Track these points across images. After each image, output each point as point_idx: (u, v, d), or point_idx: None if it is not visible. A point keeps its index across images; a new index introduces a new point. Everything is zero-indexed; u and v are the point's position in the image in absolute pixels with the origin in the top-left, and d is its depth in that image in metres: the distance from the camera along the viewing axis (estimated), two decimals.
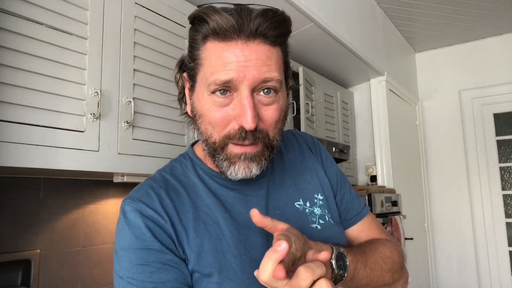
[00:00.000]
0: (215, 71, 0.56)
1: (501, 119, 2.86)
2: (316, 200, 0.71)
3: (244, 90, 0.56)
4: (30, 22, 0.89)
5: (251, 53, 0.56)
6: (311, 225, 0.68)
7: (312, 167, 0.77)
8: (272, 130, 0.60)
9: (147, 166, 1.13)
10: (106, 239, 1.38)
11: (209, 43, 0.58)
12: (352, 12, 2.07)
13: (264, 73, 0.56)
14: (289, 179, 0.72)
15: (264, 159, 0.61)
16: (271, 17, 0.56)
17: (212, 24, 0.56)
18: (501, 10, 2.49)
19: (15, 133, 0.83)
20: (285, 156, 0.76)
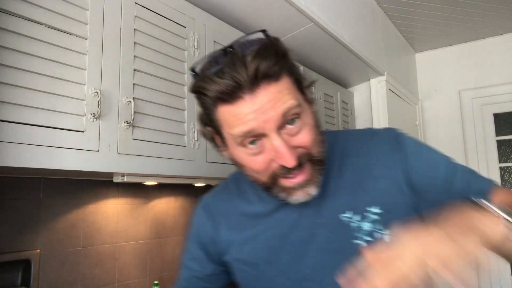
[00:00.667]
0: (235, 125, 0.58)
1: (501, 119, 2.86)
2: (369, 214, 0.64)
3: (271, 134, 0.57)
4: (30, 22, 0.89)
5: (261, 99, 0.56)
6: (353, 240, 0.64)
7: (379, 174, 0.67)
8: (313, 148, 0.61)
9: (147, 166, 1.13)
10: (106, 239, 1.38)
11: (220, 107, 0.59)
12: (352, 12, 2.07)
13: (281, 109, 0.57)
14: (344, 186, 0.67)
15: (318, 175, 0.63)
16: (264, 56, 0.56)
17: (212, 94, 0.57)
18: (501, 10, 2.49)
19: (15, 133, 0.83)
20: (347, 160, 0.70)
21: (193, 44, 1.35)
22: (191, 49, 1.33)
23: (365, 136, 0.73)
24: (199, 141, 1.32)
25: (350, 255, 0.56)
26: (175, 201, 1.68)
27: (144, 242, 1.52)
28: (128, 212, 1.47)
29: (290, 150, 0.57)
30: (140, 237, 1.51)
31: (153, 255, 1.55)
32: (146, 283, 1.50)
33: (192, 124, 1.31)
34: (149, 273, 1.53)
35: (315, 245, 0.66)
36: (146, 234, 1.53)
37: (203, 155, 1.33)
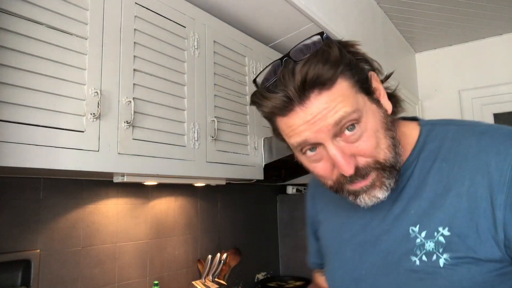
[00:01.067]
0: (291, 136, 0.59)
1: (501, 119, 2.86)
2: (436, 234, 0.57)
3: (327, 143, 0.56)
4: (30, 22, 0.89)
5: (312, 109, 0.55)
6: (410, 256, 0.59)
7: (467, 190, 0.56)
8: (378, 155, 0.58)
9: (147, 166, 1.13)
10: (106, 239, 1.38)
11: (277, 119, 0.61)
12: (352, 12, 2.07)
13: (332, 119, 0.55)
14: (424, 196, 0.61)
15: (386, 179, 0.59)
16: (313, 64, 0.55)
17: (267, 110, 0.59)
18: (501, 10, 2.49)
19: (15, 133, 0.83)
20: (437, 163, 0.61)
21: (193, 44, 1.35)
22: (191, 49, 1.33)
23: (473, 135, 0.60)
24: (199, 141, 1.32)
25: (404, 270, 0.58)
26: (175, 201, 1.68)
27: (144, 242, 1.52)
28: (128, 212, 1.47)
29: (346, 158, 0.56)
30: (140, 237, 1.51)
31: (153, 255, 1.55)
32: (146, 283, 1.50)
33: (192, 124, 1.31)
34: (149, 273, 1.53)
35: (376, 249, 0.65)
36: (146, 234, 1.53)
37: (203, 155, 1.33)
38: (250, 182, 1.82)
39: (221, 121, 1.43)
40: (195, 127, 1.31)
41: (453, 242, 0.56)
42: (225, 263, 1.69)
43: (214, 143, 1.38)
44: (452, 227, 0.56)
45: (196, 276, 1.72)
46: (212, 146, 1.37)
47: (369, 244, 0.66)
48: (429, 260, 0.57)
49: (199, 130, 1.33)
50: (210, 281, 1.64)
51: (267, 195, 2.31)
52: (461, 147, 0.59)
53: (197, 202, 1.79)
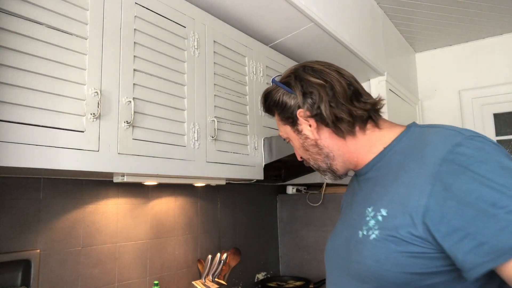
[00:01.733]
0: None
1: (501, 119, 2.86)
2: (378, 214, 0.69)
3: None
4: (30, 22, 0.89)
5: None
6: (359, 231, 0.73)
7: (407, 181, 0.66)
8: (305, 159, 0.90)
9: (147, 166, 1.13)
10: (106, 239, 1.38)
11: None
12: (352, 12, 2.07)
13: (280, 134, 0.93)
14: (384, 184, 0.73)
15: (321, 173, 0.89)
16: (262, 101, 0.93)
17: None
18: (501, 10, 2.49)
19: (15, 133, 0.83)
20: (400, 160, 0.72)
21: (193, 44, 1.35)
22: (191, 49, 1.33)
23: (428, 135, 0.70)
24: (199, 141, 1.32)
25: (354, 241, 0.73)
26: (175, 201, 1.68)
27: (144, 242, 1.52)
28: (128, 212, 1.47)
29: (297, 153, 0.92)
30: (140, 237, 1.51)
31: (153, 255, 1.55)
32: (146, 283, 1.50)
33: (192, 124, 1.31)
34: (149, 273, 1.53)
35: (346, 226, 0.82)
36: (146, 234, 1.53)
37: (203, 155, 1.33)
38: (250, 182, 1.82)
39: (221, 121, 1.43)
40: (195, 127, 1.31)
41: (386, 221, 0.67)
42: (225, 263, 1.69)
43: (214, 143, 1.38)
44: (389, 209, 0.67)
45: (196, 276, 1.72)
46: (212, 146, 1.37)
47: (345, 223, 0.83)
48: (367, 234, 0.69)
49: (199, 130, 1.33)
50: (210, 281, 1.64)
51: (267, 195, 2.31)
52: (416, 145, 0.70)
53: (197, 202, 1.79)
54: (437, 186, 0.60)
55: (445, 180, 0.60)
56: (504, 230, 0.54)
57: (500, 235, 0.54)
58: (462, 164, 0.59)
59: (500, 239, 0.54)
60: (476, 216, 0.56)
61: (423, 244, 0.62)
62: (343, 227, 0.83)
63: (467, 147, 0.61)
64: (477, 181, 0.57)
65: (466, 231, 0.57)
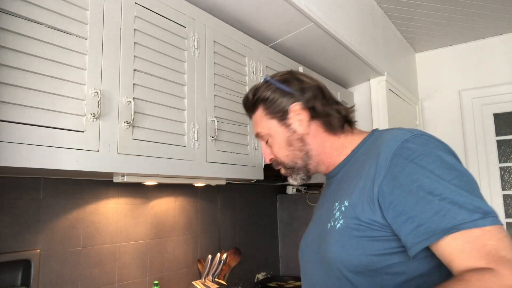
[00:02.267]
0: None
1: (501, 119, 2.86)
2: (342, 205, 0.78)
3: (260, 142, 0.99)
4: (30, 22, 0.89)
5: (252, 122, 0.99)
6: (327, 223, 0.81)
7: (365, 173, 0.76)
8: (281, 158, 0.93)
9: (147, 166, 1.13)
10: (106, 239, 1.38)
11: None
12: (352, 12, 2.07)
13: (255, 131, 0.97)
14: (347, 181, 0.83)
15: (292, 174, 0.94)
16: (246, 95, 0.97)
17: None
18: (501, 10, 2.49)
19: (15, 133, 0.83)
20: (362, 158, 0.83)
21: (193, 44, 1.35)
22: (191, 49, 1.34)
23: (385, 136, 0.80)
24: (199, 141, 1.32)
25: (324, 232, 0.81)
26: (175, 201, 1.68)
27: (144, 242, 1.52)
28: (128, 212, 1.47)
29: (266, 154, 0.96)
30: (140, 237, 1.51)
31: (153, 255, 1.55)
32: (146, 283, 1.50)
33: (192, 124, 1.31)
34: (149, 273, 1.53)
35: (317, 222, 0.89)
36: (146, 234, 1.53)
37: (203, 155, 1.33)
38: (250, 182, 1.82)
39: (221, 121, 1.43)
40: (195, 127, 1.31)
41: (348, 211, 0.75)
42: (225, 263, 1.69)
43: (214, 143, 1.38)
44: (350, 199, 0.76)
45: (196, 276, 1.72)
46: (212, 146, 1.37)
47: (315, 221, 0.91)
48: (334, 224, 0.78)
49: (199, 130, 1.33)
50: (210, 281, 1.64)
51: (267, 195, 2.30)
52: (374, 144, 0.80)
53: (197, 202, 1.79)
54: (388, 176, 0.70)
55: (394, 171, 0.70)
56: (437, 214, 0.64)
57: (434, 218, 0.64)
58: (408, 158, 0.70)
59: (433, 221, 0.64)
60: (416, 202, 0.66)
61: (380, 228, 0.71)
62: (314, 224, 0.91)
63: (413, 142, 0.72)
64: (418, 172, 0.68)
65: (408, 215, 0.67)
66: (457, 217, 0.62)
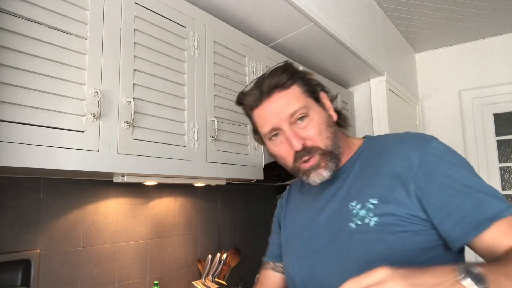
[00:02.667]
0: (263, 126, 0.84)
1: (501, 119, 2.86)
2: (367, 203, 0.77)
3: (284, 128, 0.81)
4: (30, 22, 0.89)
5: (275, 103, 0.81)
6: (348, 223, 0.78)
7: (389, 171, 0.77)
8: (319, 142, 0.81)
9: (147, 166, 1.13)
10: (106, 239, 1.38)
11: (253, 113, 0.86)
12: (352, 12, 2.07)
13: (288, 110, 0.80)
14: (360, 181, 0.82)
15: (329, 162, 0.81)
16: (275, 73, 0.82)
17: (247, 103, 0.86)
18: (501, 10, 2.49)
19: (15, 133, 0.83)
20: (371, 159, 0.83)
21: (193, 44, 1.35)
22: (191, 49, 1.34)
23: (397, 137, 0.83)
24: (199, 141, 1.32)
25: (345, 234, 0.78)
26: (175, 201, 1.68)
27: (144, 242, 1.52)
28: (128, 212, 1.47)
29: (297, 138, 0.79)
30: (140, 237, 1.51)
31: (153, 255, 1.55)
32: (146, 283, 1.50)
33: (192, 124, 1.31)
34: (149, 273, 1.53)
35: (327, 226, 0.84)
36: (146, 234, 1.53)
37: (203, 155, 1.33)
38: (250, 182, 1.82)
39: (221, 121, 1.43)
40: (195, 127, 1.31)
41: (380, 208, 0.75)
42: (225, 263, 1.69)
43: (214, 143, 1.38)
44: (379, 197, 0.76)
45: (196, 276, 1.72)
46: (212, 146, 1.37)
47: (322, 225, 0.85)
48: (363, 223, 0.76)
49: (199, 130, 1.33)
50: (210, 281, 1.64)
51: (267, 195, 2.31)
52: (389, 146, 0.82)
53: (197, 202, 1.79)
54: (422, 172, 0.73)
55: (427, 168, 0.73)
56: (477, 205, 0.67)
57: (475, 209, 0.67)
58: (438, 156, 0.74)
59: (475, 212, 0.67)
60: (455, 196, 0.69)
61: (420, 222, 0.72)
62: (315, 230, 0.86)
63: (436, 143, 0.77)
64: (451, 168, 0.72)
65: (450, 208, 0.69)
66: (494, 207, 0.67)
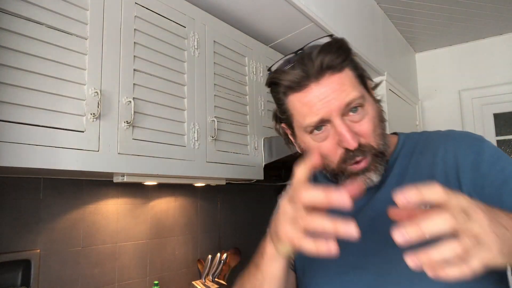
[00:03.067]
0: (306, 115, 0.66)
1: (501, 119, 2.86)
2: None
3: (336, 120, 0.64)
4: (30, 22, 0.89)
5: (326, 89, 0.64)
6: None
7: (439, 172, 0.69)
8: (373, 140, 0.67)
9: (147, 166, 1.13)
10: (106, 239, 1.38)
11: (290, 97, 0.67)
12: (352, 12, 2.07)
13: (344, 99, 0.64)
14: (403, 183, 0.70)
15: (379, 164, 0.68)
16: (328, 51, 0.64)
17: (285, 83, 0.66)
18: (501, 10, 2.49)
19: (15, 133, 0.83)
20: (413, 159, 0.73)
21: (193, 44, 1.35)
22: (191, 49, 1.33)
23: (440, 136, 0.74)
24: (199, 141, 1.32)
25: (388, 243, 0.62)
26: (175, 201, 1.68)
27: (144, 242, 1.52)
28: (128, 212, 1.47)
29: (351, 133, 0.64)
30: (140, 237, 1.51)
31: (153, 255, 1.55)
32: (146, 283, 1.50)
33: (192, 124, 1.31)
34: (149, 273, 1.53)
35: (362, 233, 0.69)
36: (146, 234, 1.53)
37: (203, 155, 1.33)
38: (250, 182, 1.82)
39: (221, 121, 1.43)
40: (195, 127, 1.31)
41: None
42: (225, 263, 1.69)
43: (214, 143, 1.38)
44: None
45: (196, 276, 1.72)
46: (212, 146, 1.37)
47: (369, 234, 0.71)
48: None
49: (199, 130, 1.33)
50: (210, 281, 1.64)
51: (267, 195, 2.30)
52: (432, 144, 0.72)
53: (197, 202, 1.79)
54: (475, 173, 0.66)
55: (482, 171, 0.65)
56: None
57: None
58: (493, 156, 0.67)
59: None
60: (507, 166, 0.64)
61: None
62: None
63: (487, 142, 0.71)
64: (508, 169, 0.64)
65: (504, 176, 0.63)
66: None
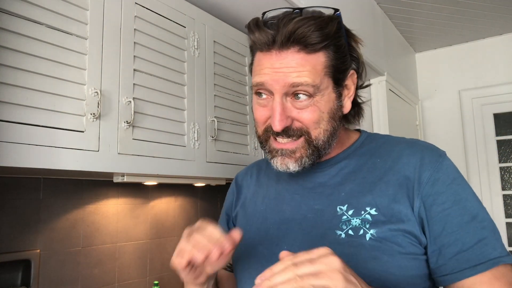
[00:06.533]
0: (255, 74, 0.64)
1: (501, 119, 2.86)
2: (363, 212, 0.64)
3: (276, 95, 0.62)
4: (30, 22, 0.89)
5: (283, 61, 0.60)
6: (336, 230, 0.65)
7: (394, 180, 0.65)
8: (313, 130, 0.64)
9: (147, 166, 1.13)
10: (106, 239, 1.38)
11: (256, 54, 0.66)
12: (352, 12, 2.07)
13: (292, 79, 0.60)
14: (355, 183, 0.68)
15: (305, 156, 0.65)
16: (307, 25, 0.59)
17: (253, 38, 0.64)
18: (501, 10, 2.49)
19: (15, 133, 0.83)
20: (370, 160, 0.70)
21: (193, 44, 1.35)
22: (191, 49, 1.33)
23: (405, 144, 0.70)
24: (199, 141, 1.32)
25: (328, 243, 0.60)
26: (175, 201, 1.68)
27: (144, 242, 1.52)
28: (128, 212, 1.47)
29: (282, 116, 0.62)
30: (140, 237, 1.51)
31: (153, 255, 1.55)
32: (146, 283, 1.50)
33: (192, 124, 1.31)
34: (149, 273, 1.53)
35: (302, 226, 0.69)
36: (146, 234, 1.53)
37: (203, 155, 1.33)
38: None
39: (221, 121, 1.43)
40: (195, 127, 1.31)
41: (379, 220, 0.62)
42: None
43: (214, 143, 1.38)
44: (379, 208, 0.63)
45: None
46: (212, 146, 1.37)
47: (294, 222, 0.70)
48: (356, 234, 0.63)
49: (199, 130, 1.33)
50: None
51: None
52: (394, 150, 0.69)
53: (197, 202, 1.79)
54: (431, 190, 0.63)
55: (437, 187, 0.63)
56: (480, 242, 0.59)
57: (477, 246, 0.58)
58: (450, 176, 0.64)
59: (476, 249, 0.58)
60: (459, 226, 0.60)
61: (417, 244, 0.62)
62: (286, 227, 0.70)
63: (448, 160, 0.66)
64: (461, 194, 0.62)
65: (451, 238, 0.60)
66: (497, 248, 0.59)
